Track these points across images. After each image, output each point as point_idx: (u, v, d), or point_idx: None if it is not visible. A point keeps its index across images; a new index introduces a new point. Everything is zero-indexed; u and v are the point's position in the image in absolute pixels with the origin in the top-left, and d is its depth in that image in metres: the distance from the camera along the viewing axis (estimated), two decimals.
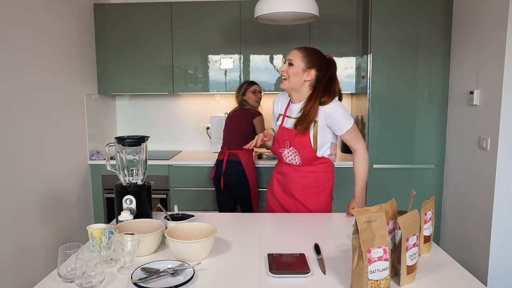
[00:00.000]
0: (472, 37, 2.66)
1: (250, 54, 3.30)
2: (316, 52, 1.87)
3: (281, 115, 1.98)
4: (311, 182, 1.91)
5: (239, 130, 2.94)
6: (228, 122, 3.03)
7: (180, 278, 1.18)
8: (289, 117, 1.93)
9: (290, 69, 1.84)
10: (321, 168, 1.91)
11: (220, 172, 2.93)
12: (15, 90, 2.34)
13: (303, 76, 1.83)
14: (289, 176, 1.94)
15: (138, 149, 1.72)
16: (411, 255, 1.15)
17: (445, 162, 3.04)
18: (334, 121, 1.82)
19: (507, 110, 2.33)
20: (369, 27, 2.96)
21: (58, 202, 2.81)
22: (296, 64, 1.83)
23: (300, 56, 1.83)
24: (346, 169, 3.06)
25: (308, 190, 1.91)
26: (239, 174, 2.90)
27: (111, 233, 1.27)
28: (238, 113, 3.00)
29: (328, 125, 1.84)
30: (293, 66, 1.83)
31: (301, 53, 1.84)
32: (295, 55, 1.84)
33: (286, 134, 1.90)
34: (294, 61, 1.83)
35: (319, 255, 1.35)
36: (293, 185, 1.93)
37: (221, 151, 3.02)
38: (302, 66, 1.83)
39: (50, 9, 2.71)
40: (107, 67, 3.37)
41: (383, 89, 3.01)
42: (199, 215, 1.77)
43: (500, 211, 2.39)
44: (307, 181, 1.91)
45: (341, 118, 1.83)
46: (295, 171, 1.93)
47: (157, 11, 3.29)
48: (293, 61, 1.83)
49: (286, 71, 1.85)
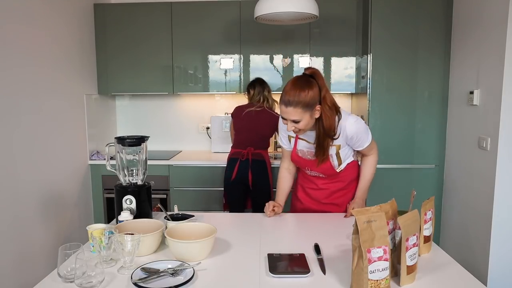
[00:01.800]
0: (472, 36, 2.66)
1: (250, 54, 3.30)
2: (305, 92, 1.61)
3: (291, 137, 1.87)
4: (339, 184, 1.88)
5: (265, 134, 2.92)
6: (251, 122, 2.91)
7: (180, 278, 1.18)
8: (304, 140, 1.82)
9: (299, 125, 1.66)
10: (347, 172, 1.88)
11: (245, 172, 2.87)
12: (15, 90, 2.34)
13: (312, 118, 1.67)
14: (314, 181, 1.90)
15: (138, 149, 1.72)
16: (411, 255, 1.15)
17: (445, 162, 3.04)
18: (355, 141, 1.77)
19: (507, 110, 2.33)
20: (369, 27, 2.96)
21: (58, 202, 2.81)
22: (301, 119, 1.64)
23: (299, 112, 1.62)
24: None
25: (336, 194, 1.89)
26: (264, 173, 2.89)
27: (111, 233, 1.27)
28: (264, 115, 2.91)
29: (348, 143, 1.78)
30: (300, 121, 1.64)
31: (298, 108, 1.61)
32: (294, 114, 1.62)
33: (304, 163, 1.84)
34: (298, 119, 1.64)
35: (319, 255, 1.35)
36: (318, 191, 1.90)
37: (240, 151, 2.90)
38: (308, 115, 1.64)
39: (50, 9, 2.71)
40: (107, 67, 3.38)
41: (383, 89, 3.01)
42: (199, 215, 1.77)
43: (500, 211, 2.39)
44: (334, 185, 1.88)
45: (362, 136, 1.76)
46: (320, 179, 1.89)
47: (157, 11, 3.29)
48: (296, 120, 1.64)
49: (295, 128, 1.67)
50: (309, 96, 1.61)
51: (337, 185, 1.88)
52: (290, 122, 1.65)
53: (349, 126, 1.72)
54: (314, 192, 1.92)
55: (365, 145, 1.79)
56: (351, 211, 1.14)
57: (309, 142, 1.79)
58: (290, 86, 1.63)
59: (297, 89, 1.61)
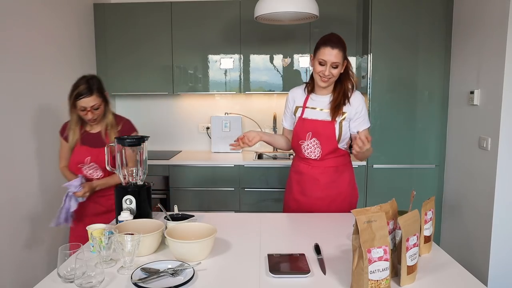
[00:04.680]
0: (472, 36, 2.66)
1: (250, 54, 3.30)
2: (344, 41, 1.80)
3: (299, 108, 1.95)
4: (331, 176, 1.90)
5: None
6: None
7: (180, 278, 1.18)
8: (313, 108, 1.91)
9: (334, 71, 1.77)
10: (339, 161, 1.92)
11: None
12: (14, 90, 2.34)
13: (341, 71, 1.81)
14: (307, 174, 1.93)
15: (138, 149, 1.72)
16: (412, 255, 1.15)
17: (446, 162, 3.04)
18: (358, 116, 1.86)
19: (507, 110, 2.32)
20: (369, 27, 2.96)
21: (58, 202, 2.80)
22: (340, 64, 1.77)
23: (341, 55, 1.76)
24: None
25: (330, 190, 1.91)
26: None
27: (111, 233, 1.27)
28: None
29: (352, 118, 1.86)
30: (337, 67, 1.77)
31: (341, 51, 1.75)
32: (338, 56, 1.74)
33: (309, 124, 1.88)
34: (338, 62, 1.76)
35: (319, 255, 1.35)
36: (312, 182, 1.92)
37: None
38: (342, 64, 1.79)
39: (50, 9, 2.71)
40: (107, 67, 3.37)
41: (383, 89, 3.01)
42: (199, 215, 1.76)
43: (501, 211, 2.39)
44: (327, 177, 1.90)
45: (365, 114, 1.88)
46: (313, 168, 1.92)
47: (157, 11, 3.29)
48: (337, 63, 1.75)
49: (330, 73, 1.77)
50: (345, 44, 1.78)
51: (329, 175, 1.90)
52: (329, 66, 1.75)
53: (359, 97, 1.87)
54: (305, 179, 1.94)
55: (364, 126, 1.88)
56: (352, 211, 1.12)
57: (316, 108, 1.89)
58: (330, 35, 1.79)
59: (339, 37, 1.78)
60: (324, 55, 1.74)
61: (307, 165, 1.94)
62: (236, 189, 3.18)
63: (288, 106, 2.02)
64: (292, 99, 2.00)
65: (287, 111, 2.03)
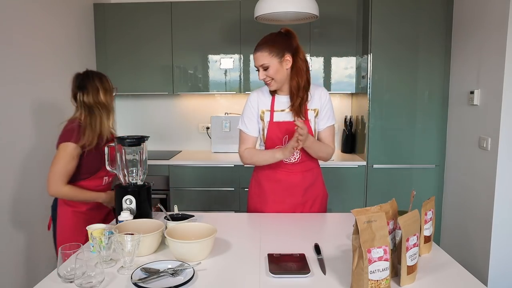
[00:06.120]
0: (472, 36, 2.66)
1: (250, 54, 3.30)
2: (275, 37, 1.73)
3: (266, 111, 1.83)
4: (310, 180, 1.88)
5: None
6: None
7: (180, 278, 1.18)
8: (282, 110, 1.81)
9: (268, 72, 1.72)
10: (314, 162, 1.89)
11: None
12: (14, 91, 2.34)
13: (283, 67, 1.72)
14: (286, 180, 1.85)
15: (138, 149, 1.72)
16: (412, 255, 1.15)
17: (445, 162, 3.04)
18: (325, 111, 1.82)
19: (507, 110, 2.32)
20: (369, 27, 2.96)
21: None
22: (270, 64, 1.71)
23: (267, 55, 1.70)
24: (345, 169, 3.06)
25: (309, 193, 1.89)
26: None
27: (111, 233, 1.27)
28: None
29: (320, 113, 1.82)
30: (268, 68, 1.71)
31: (264, 51, 1.70)
32: (261, 58, 1.71)
33: (284, 127, 1.79)
34: (266, 63, 1.71)
35: (319, 255, 1.35)
36: (292, 189, 1.86)
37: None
38: (277, 61, 1.71)
39: (50, 9, 2.71)
40: (107, 67, 3.37)
41: (383, 89, 3.01)
42: (199, 215, 1.76)
43: (501, 211, 2.39)
44: (306, 181, 1.87)
45: (331, 109, 1.84)
46: (292, 174, 1.84)
47: (157, 11, 3.29)
48: (265, 64, 1.71)
49: (267, 76, 1.73)
50: (276, 41, 1.71)
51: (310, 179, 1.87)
52: (262, 70, 1.73)
53: (325, 92, 1.83)
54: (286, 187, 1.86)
55: (330, 122, 1.83)
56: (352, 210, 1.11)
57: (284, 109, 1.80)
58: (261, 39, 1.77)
59: (267, 37, 1.76)
60: (254, 61, 1.76)
61: (285, 171, 1.85)
62: (236, 189, 3.18)
63: (251, 111, 1.85)
64: (255, 103, 1.84)
65: (251, 116, 1.85)
